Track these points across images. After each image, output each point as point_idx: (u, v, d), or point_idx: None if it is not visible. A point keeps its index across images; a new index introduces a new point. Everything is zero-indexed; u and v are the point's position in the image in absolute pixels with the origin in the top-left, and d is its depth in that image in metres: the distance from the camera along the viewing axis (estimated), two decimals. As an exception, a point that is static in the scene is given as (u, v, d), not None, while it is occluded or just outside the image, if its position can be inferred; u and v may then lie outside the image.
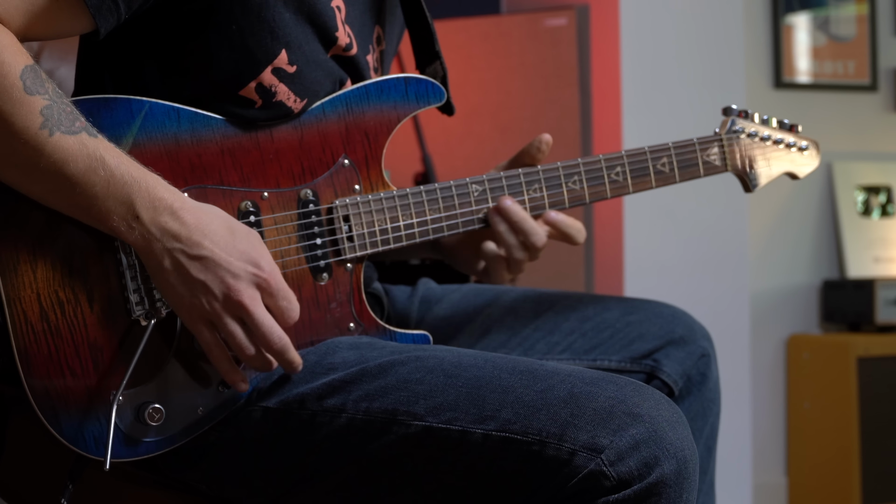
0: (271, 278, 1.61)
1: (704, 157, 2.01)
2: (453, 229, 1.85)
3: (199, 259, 1.58)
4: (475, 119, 3.82)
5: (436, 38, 1.93)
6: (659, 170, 1.97)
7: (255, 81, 1.71)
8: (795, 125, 2.12)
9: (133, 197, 1.55)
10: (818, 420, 4.42)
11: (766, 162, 2.08)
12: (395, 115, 1.80)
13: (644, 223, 3.67)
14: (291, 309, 1.63)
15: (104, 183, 1.54)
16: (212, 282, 1.58)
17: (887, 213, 4.66)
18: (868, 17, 4.68)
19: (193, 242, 1.57)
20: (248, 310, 1.59)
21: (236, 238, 1.61)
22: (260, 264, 1.61)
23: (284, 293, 1.63)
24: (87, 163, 1.53)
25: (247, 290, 1.59)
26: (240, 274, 1.59)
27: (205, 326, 1.60)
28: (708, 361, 2.03)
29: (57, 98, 1.54)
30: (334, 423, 1.65)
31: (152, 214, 1.56)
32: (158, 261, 1.57)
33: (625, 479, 1.51)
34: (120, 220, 1.55)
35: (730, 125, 2.04)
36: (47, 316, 1.58)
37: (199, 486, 1.77)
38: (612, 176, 1.94)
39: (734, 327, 3.83)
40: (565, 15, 3.72)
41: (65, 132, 1.53)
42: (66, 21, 1.60)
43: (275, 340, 1.61)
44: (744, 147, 2.05)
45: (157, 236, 1.56)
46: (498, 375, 1.60)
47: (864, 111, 4.70)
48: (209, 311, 1.59)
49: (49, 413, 1.59)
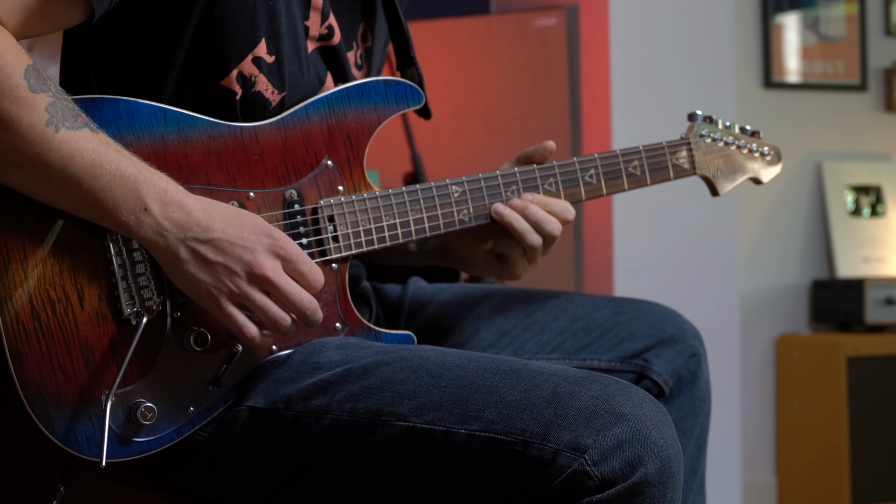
0: (287, 244, 1.63)
1: (674, 160, 2.03)
2: (435, 230, 1.86)
3: (213, 242, 1.59)
4: (465, 119, 3.82)
5: (411, 44, 1.95)
6: (631, 172, 1.99)
7: (236, 70, 1.71)
8: (757, 131, 2.15)
9: (141, 190, 1.56)
10: (808, 420, 4.42)
11: (730, 167, 2.10)
12: (375, 117, 1.82)
13: (634, 223, 3.68)
14: (314, 272, 1.65)
15: (111, 177, 1.55)
16: (231, 262, 1.59)
17: (877, 213, 4.67)
18: (858, 17, 4.68)
19: (204, 227, 1.59)
20: (273, 281, 1.61)
21: (242, 217, 1.63)
22: (272, 234, 1.63)
23: (303, 258, 1.64)
24: (93, 157, 1.54)
25: (268, 262, 1.61)
26: (256, 248, 1.60)
27: (234, 308, 1.62)
28: (698, 361, 2.03)
29: (59, 95, 1.56)
30: (319, 423, 1.65)
31: (161, 206, 1.57)
32: (174, 252, 1.58)
33: (608, 479, 1.51)
34: (129, 213, 1.56)
35: (696, 129, 2.06)
36: (38, 315, 1.58)
37: (187, 486, 1.77)
38: (586, 178, 1.97)
39: (724, 327, 3.83)
40: (555, 15, 3.72)
41: (70, 128, 1.54)
42: (63, 12, 1.61)
43: (306, 305, 1.64)
44: (710, 151, 2.07)
45: (169, 228, 1.58)
46: (482, 375, 1.60)
47: (853, 111, 4.70)
48: (236, 291, 1.60)
49: (41, 413, 1.59)
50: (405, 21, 1.96)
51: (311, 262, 1.66)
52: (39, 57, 2.09)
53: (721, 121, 2.10)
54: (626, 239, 3.68)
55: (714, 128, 2.09)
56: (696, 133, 2.06)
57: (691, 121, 2.08)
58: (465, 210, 1.88)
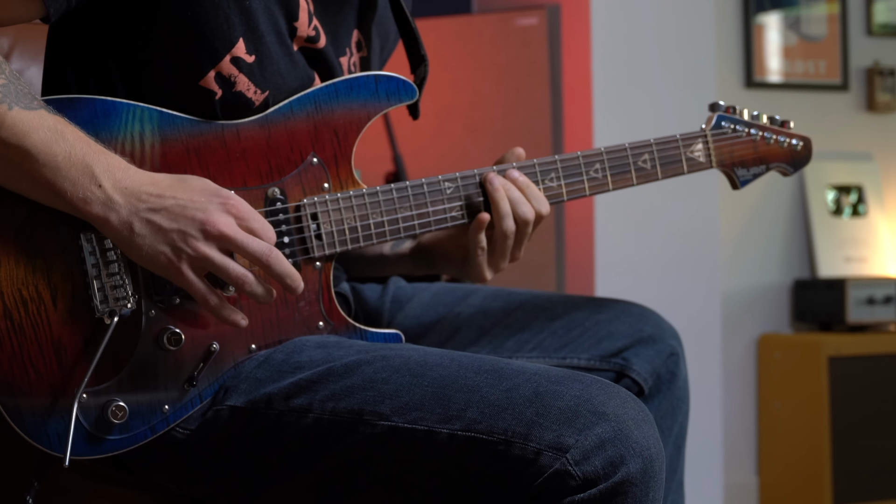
0: (237, 202, 1.62)
1: (688, 153, 1.98)
2: (425, 227, 1.84)
3: (165, 210, 1.58)
4: (446, 118, 3.82)
5: (420, 42, 1.93)
6: (640, 166, 1.94)
7: (213, 71, 1.70)
8: (787, 121, 2.09)
9: (94, 167, 1.56)
10: (789, 419, 4.43)
11: (753, 159, 2.05)
12: (364, 113, 1.79)
13: (615, 223, 3.68)
14: (265, 228, 1.63)
15: (65, 154, 1.55)
16: (185, 225, 1.58)
17: (858, 213, 4.68)
18: (839, 17, 4.69)
19: (155, 196, 1.58)
20: (228, 236, 1.59)
21: (188, 181, 1.62)
22: (220, 193, 1.61)
23: (253, 215, 1.63)
24: (48, 134, 1.55)
25: (221, 219, 1.59)
26: (207, 207, 1.59)
27: (195, 275, 1.60)
28: (677, 360, 2.03)
29: (14, 79, 1.56)
30: (301, 422, 1.65)
31: (113, 183, 1.57)
32: (129, 227, 1.57)
33: (590, 479, 1.50)
34: (84, 190, 1.56)
35: (716, 121, 2.01)
36: (11, 314, 1.58)
37: (169, 486, 1.77)
38: (591, 173, 1.92)
39: (705, 327, 3.83)
40: (536, 14, 3.72)
41: (24, 108, 1.54)
42: (19, 6, 1.63)
43: (264, 252, 1.61)
44: (731, 143, 2.02)
45: (121, 203, 1.57)
46: (464, 375, 1.60)
47: (835, 111, 4.71)
48: (194, 255, 1.59)
49: (12, 410, 1.59)
50: (412, 19, 1.94)
51: (263, 219, 1.64)
52: (20, 58, 2.09)
53: (747, 111, 2.04)
54: (608, 238, 3.68)
55: (737, 119, 2.02)
56: (714, 125, 2.00)
57: (712, 111, 2.01)
58: (457, 206, 1.86)
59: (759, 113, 2.06)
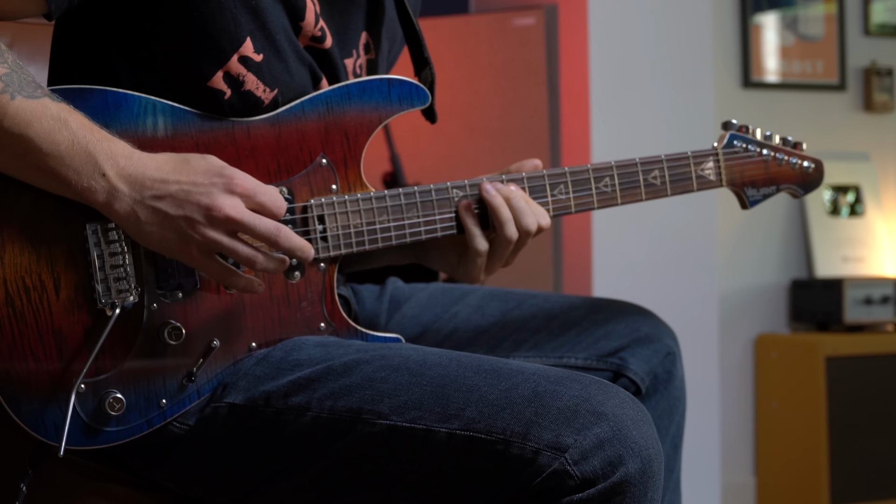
0: (242, 179, 1.60)
1: (699, 171, 1.96)
2: (431, 234, 1.83)
3: (170, 196, 1.57)
4: (444, 118, 3.79)
5: (424, 45, 1.93)
6: (650, 182, 1.93)
7: (221, 70, 1.70)
8: (799, 143, 2.07)
9: (97, 156, 1.56)
10: (787, 419, 4.43)
11: (767, 179, 2.03)
12: (376, 117, 1.79)
13: (613, 224, 3.67)
14: (274, 199, 1.62)
15: (68, 143, 1.55)
16: (191, 211, 1.57)
17: (856, 213, 4.68)
18: (836, 17, 4.69)
19: (158, 181, 1.57)
20: (235, 219, 1.58)
21: (192, 162, 1.60)
22: (223, 172, 1.60)
23: (260, 188, 1.61)
24: (51, 123, 1.54)
25: (227, 202, 1.58)
26: (211, 190, 1.58)
27: (207, 258, 1.60)
28: (673, 360, 2.03)
29: (17, 68, 1.56)
30: (299, 421, 1.65)
31: (116, 171, 1.56)
32: (135, 215, 1.57)
33: (589, 479, 1.50)
34: (88, 179, 1.55)
35: (728, 140, 1.99)
36: (13, 301, 1.58)
37: (167, 484, 1.77)
38: (601, 187, 1.91)
39: (703, 327, 3.83)
40: (534, 14, 3.72)
41: (27, 97, 1.54)
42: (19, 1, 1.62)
43: (272, 232, 1.60)
44: (742, 163, 2.00)
45: (126, 191, 1.56)
46: (463, 374, 1.60)
47: (832, 110, 4.72)
48: (202, 240, 1.58)
49: (10, 397, 1.59)
50: (417, 22, 1.93)
51: (270, 189, 1.62)
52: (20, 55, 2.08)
53: (760, 130, 2.02)
54: (605, 238, 3.68)
55: (749, 138, 2.00)
56: (726, 143, 1.99)
57: (724, 129, 2.00)
58: None
59: (772, 133, 2.05)
